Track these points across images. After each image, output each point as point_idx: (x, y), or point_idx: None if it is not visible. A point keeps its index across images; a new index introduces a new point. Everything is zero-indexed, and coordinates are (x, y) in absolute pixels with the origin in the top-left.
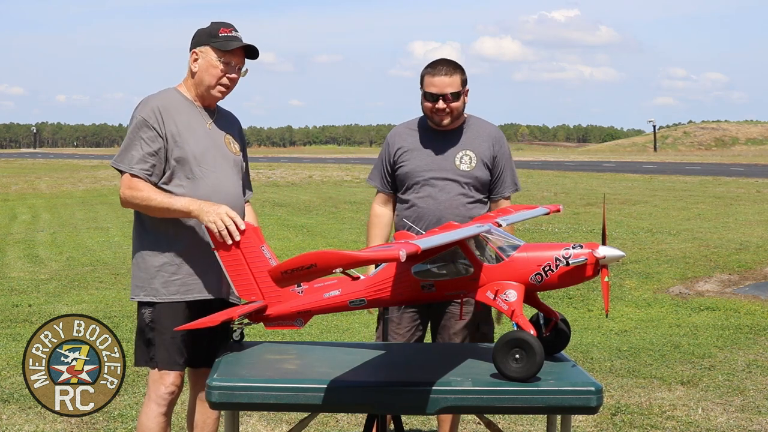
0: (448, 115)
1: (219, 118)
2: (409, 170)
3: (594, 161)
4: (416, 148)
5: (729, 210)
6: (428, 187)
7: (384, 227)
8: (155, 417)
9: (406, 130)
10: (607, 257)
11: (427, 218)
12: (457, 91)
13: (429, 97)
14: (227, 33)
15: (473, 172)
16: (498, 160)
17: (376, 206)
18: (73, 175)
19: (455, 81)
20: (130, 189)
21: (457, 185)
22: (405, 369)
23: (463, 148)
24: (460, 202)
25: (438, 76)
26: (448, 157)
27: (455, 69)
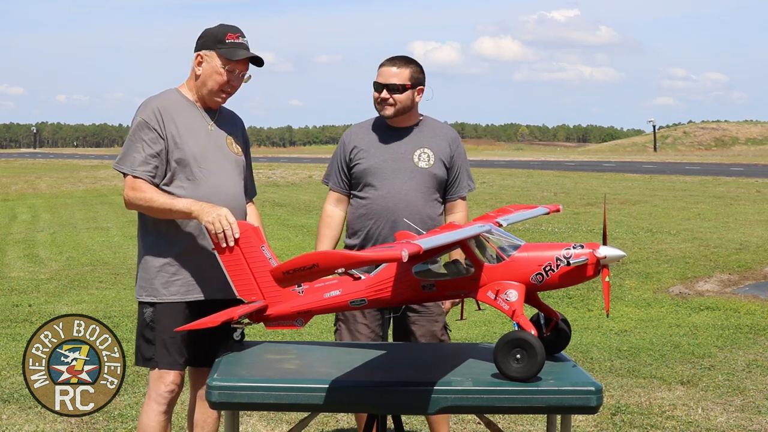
0: (391, 106)
1: (221, 118)
2: (365, 167)
3: (594, 161)
4: (373, 146)
5: (729, 210)
6: (387, 184)
7: (334, 227)
8: (155, 416)
9: (362, 129)
10: (607, 257)
11: (384, 215)
12: (402, 84)
13: (375, 86)
14: (234, 39)
15: (431, 169)
16: (455, 159)
17: (328, 206)
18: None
19: (402, 74)
20: (133, 191)
21: (414, 182)
22: (405, 369)
23: (420, 145)
24: (417, 200)
25: (385, 66)
26: (405, 154)
27: (406, 64)
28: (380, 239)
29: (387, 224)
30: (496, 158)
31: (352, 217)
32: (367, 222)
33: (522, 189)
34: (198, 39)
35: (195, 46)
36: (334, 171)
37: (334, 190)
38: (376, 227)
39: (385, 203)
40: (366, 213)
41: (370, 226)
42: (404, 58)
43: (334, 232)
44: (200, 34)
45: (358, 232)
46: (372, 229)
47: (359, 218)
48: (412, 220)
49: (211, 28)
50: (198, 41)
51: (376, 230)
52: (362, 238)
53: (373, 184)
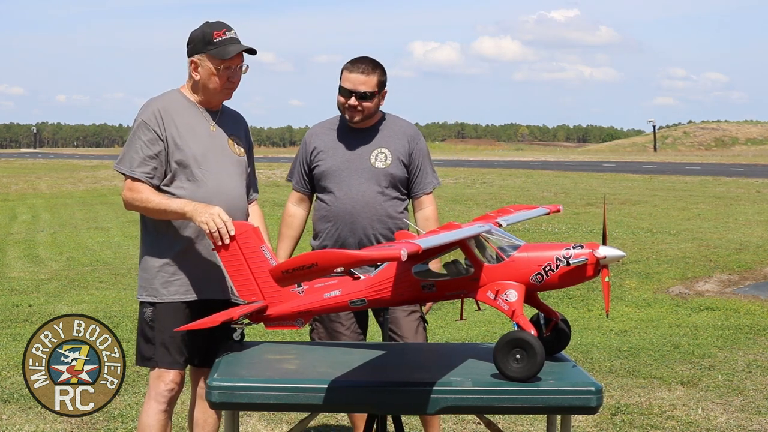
0: (359, 113)
1: (224, 119)
2: (324, 169)
3: (594, 161)
4: (331, 147)
5: (729, 210)
6: (344, 186)
7: (296, 227)
8: (155, 414)
9: (322, 129)
10: (607, 257)
11: (343, 217)
12: (371, 91)
13: (342, 91)
14: (222, 37)
15: (388, 169)
16: (414, 156)
17: (290, 205)
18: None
19: (371, 81)
20: (130, 191)
21: (372, 183)
22: (405, 369)
23: (377, 146)
24: (375, 200)
25: (354, 73)
26: (362, 155)
27: (374, 69)
28: (340, 241)
29: (346, 226)
30: (496, 158)
31: (314, 219)
32: (327, 224)
33: (522, 189)
34: (187, 44)
35: (187, 52)
36: (297, 170)
37: (296, 190)
38: (335, 229)
39: (343, 205)
40: (326, 215)
41: (329, 228)
42: (370, 62)
43: (294, 231)
44: (188, 38)
45: (319, 234)
46: (332, 231)
47: (320, 220)
48: (371, 220)
49: (196, 31)
50: (188, 46)
51: (336, 232)
52: (323, 240)
53: (331, 186)
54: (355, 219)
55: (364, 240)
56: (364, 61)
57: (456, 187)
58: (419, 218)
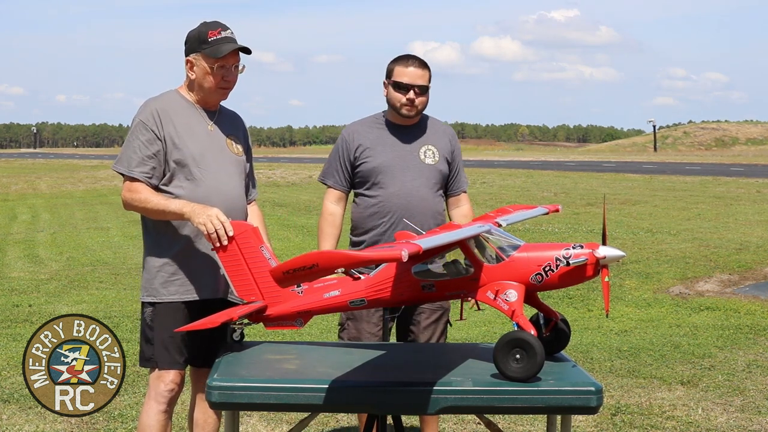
0: (416, 107)
1: (222, 119)
2: (374, 165)
3: (594, 161)
4: (379, 144)
5: (729, 210)
6: (397, 182)
7: (337, 226)
8: (155, 415)
9: (364, 127)
10: (607, 257)
11: (398, 212)
12: (426, 86)
13: (399, 87)
14: (216, 36)
15: (437, 166)
16: (455, 155)
17: (328, 204)
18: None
19: (425, 75)
20: (129, 192)
21: (423, 179)
22: (405, 369)
23: (425, 143)
24: (427, 196)
25: (411, 67)
26: (412, 151)
27: (425, 65)
28: (392, 237)
29: (400, 221)
30: (496, 158)
31: (361, 216)
32: (379, 220)
33: (522, 189)
34: (184, 44)
35: (184, 51)
36: (335, 169)
37: (334, 188)
38: (390, 224)
39: (398, 201)
40: (378, 211)
41: (383, 223)
42: (418, 58)
43: (336, 230)
44: (185, 38)
45: (369, 231)
46: (386, 227)
47: (370, 217)
48: (425, 216)
49: (193, 31)
50: (185, 46)
51: (389, 228)
52: (376, 235)
53: (382, 182)
54: (411, 214)
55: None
56: (414, 57)
57: None
58: (457, 215)
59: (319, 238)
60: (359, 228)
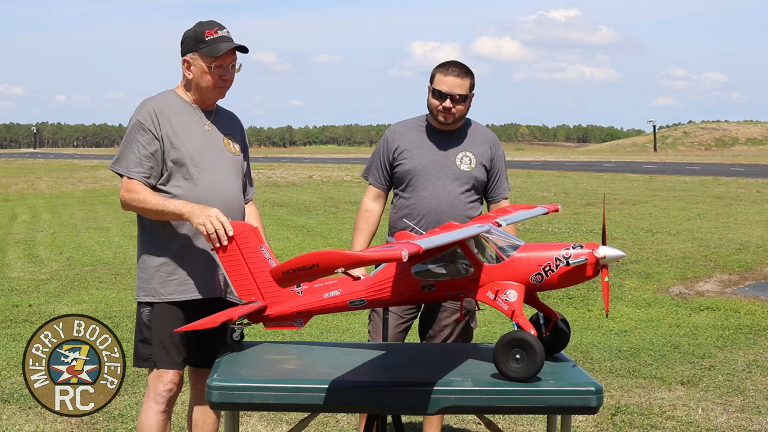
0: (453, 115)
1: (219, 118)
2: (410, 168)
3: (594, 161)
4: (417, 146)
5: (729, 210)
6: (429, 185)
7: (372, 223)
8: (154, 415)
9: (406, 128)
10: (607, 257)
11: (428, 216)
12: (465, 94)
13: (437, 94)
14: (213, 35)
15: (473, 172)
16: (495, 162)
17: (367, 200)
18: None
19: (465, 84)
20: (127, 192)
21: (457, 184)
22: (405, 369)
23: (463, 149)
24: (460, 201)
25: (450, 76)
26: (449, 156)
27: (467, 73)
28: None
29: (431, 225)
30: None
31: (394, 217)
32: (411, 222)
33: (522, 189)
34: (181, 44)
35: (180, 51)
36: (376, 167)
37: (374, 186)
38: (420, 227)
39: (429, 204)
40: (410, 213)
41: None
42: (462, 65)
43: (371, 227)
44: (181, 38)
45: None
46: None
47: (402, 219)
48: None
49: (189, 30)
50: (181, 46)
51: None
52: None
53: (416, 185)
54: (441, 218)
55: None
56: (457, 65)
57: None
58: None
59: (353, 233)
60: (392, 228)
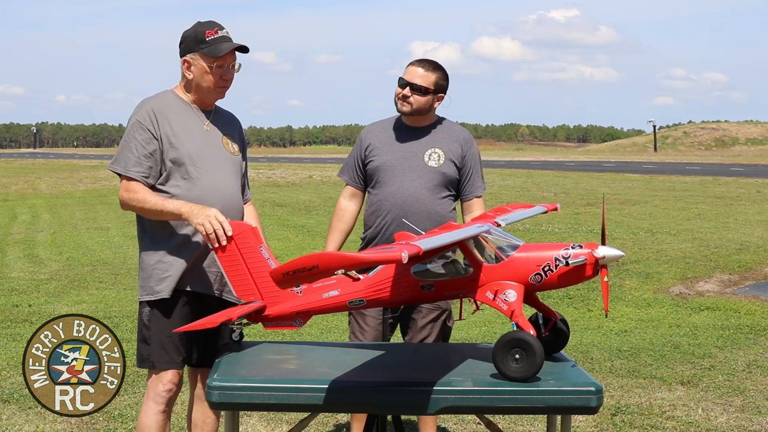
0: (409, 105)
1: (217, 118)
2: (378, 164)
3: (594, 161)
4: (386, 143)
5: (729, 210)
6: (396, 181)
7: (347, 221)
8: (154, 415)
9: (378, 127)
10: (606, 257)
11: (394, 211)
12: (425, 87)
13: (399, 81)
14: (214, 35)
15: (440, 168)
16: (467, 160)
17: (342, 200)
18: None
19: (428, 77)
20: (127, 191)
21: (424, 180)
22: (405, 369)
23: (431, 145)
24: (427, 198)
25: (416, 67)
26: (416, 153)
27: (434, 69)
28: (388, 234)
29: (395, 220)
30: (496, 158)
31: (365, 213)
32: (377, 218)
33: (522, 189)
34: (180, 44)
35: (179, 52)
36: (350, 166)
37: (349, 185)
38: (384, 223)
39: (394, 200)
40: (377, 210)
41: (379, 221)
42: (434, 63)
43: (345, 225)
44: (180, 38)
45: (370, 227)
46: (381, 225)
47: (371, 215)
48: (420, 217)
49: (188, 31)
50: (180, 46)
51: (385, 225)
52: (372, 233)
53: (383, 181)
54: (407, 214)
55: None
56: (428, 61)
57: None
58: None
59: (328, 232)
60: (364, 224)
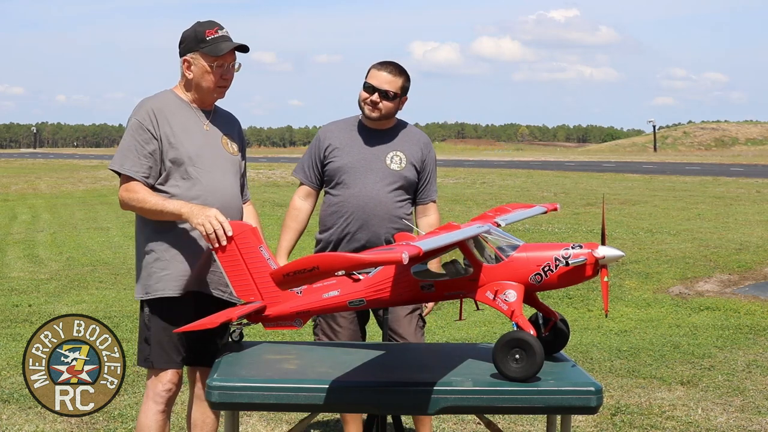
0: (379, 110)
1: (217, 118)
2: (339, 166)
3: (594, 161)
4: (348, 144)
5: (729, 210)
6: (359, 183)
7: (301, 221)
8: (153, 415)
9: (338, 127)
10: (606, 257)
11: (356, 213)
12: (394, 92)
13: (367, 87)
14: (214, 35)
15: (402, 172)
16: (426, 164)
17: (296, 199)
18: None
19: (396, 82)
20: (126, 191)
21: (386, 183)
22: (405, 369)
23: (393, 148)
24: (388, 200)
25: (382, 72)
26: (378, 155)
27: (400, 73)
28: (349, 236)
29: (357, 222)
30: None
31: (325, 214)
32: (339, 219)
33: (522, 189)
34: (179, 44)
35: (179, 52)
36: (307, 165)
37: (304, 184)
38: (346, 224)
39: (356, 201)
40: (337, 210)
41: (341, 223)
42: (398, 66)
43: (299, 225)
44: (180, 38)
45: (330, 228)
46: (342, 226)
47: (331, 215)
48: (382, 219)
49: (188, 30)
50: (180, 46)
51: (347, 227)
52: (333, 234)
53: (345, 182)
54: (367, 216)
55: (373, 238)
56: (392, 64)
57: (456, 187)
58: (424, 224)
59: (281, 231)
60: (321, 225)
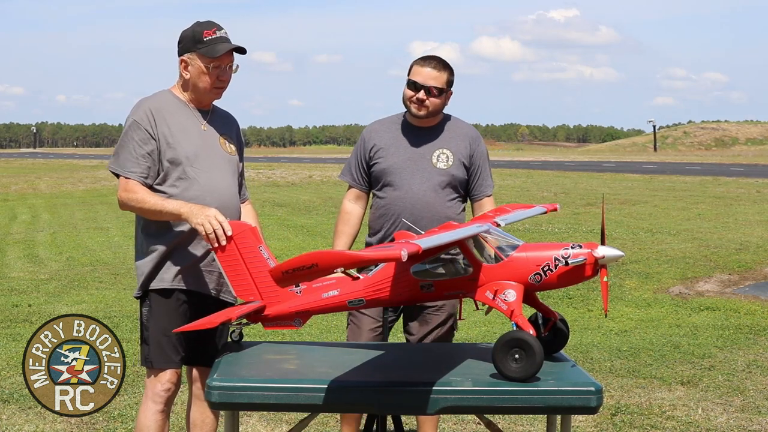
0: (426, 108)
1: (215, 118)
2: (385, 167)
3: (594, 161)
4: (393, 144)
5: (729, 210)
6: (405, 184)
7: (352, 225)
8: (152, 415)
9: (382, 126)
10: (606, 257)
11: (403, 215)
12: (440, 88)
13: (412, 85)
14: (212, 35)
15: (450, 170)
16: (475, 159)
17: (346, 202)
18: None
19: (441, 77)
20: (125, 192)
21: (432, 183)
22: (405, 369)
23: (439, 146)
24: (436, 200)
25: (427, 68)
26: (424, 154)
27: (444, 67)
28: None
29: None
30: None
31: (373, 217)
32: (386, 222)
33: (522, 189)
34: (178, 44)
35: (177, 51)
36: (353, 167)
37: (353, 187)
38: (394, 227)
39: (403, 204)
40: (385, 213)
41: (389, 226)
42: (441, 60)
43: (351, 229)
44: (178, 38)
45: (378, 232)
46: (390, 229)
47: (379, 218)
48: (430, 221)
49: (187, 30)
50: (178, 46)
51: (392, 231)
52: (381, 238)
53: (391, 184)
54: (416, 218)
55: None
56: (436, 59)
57: None
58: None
59: (333, 236)
60: (370, 228)
